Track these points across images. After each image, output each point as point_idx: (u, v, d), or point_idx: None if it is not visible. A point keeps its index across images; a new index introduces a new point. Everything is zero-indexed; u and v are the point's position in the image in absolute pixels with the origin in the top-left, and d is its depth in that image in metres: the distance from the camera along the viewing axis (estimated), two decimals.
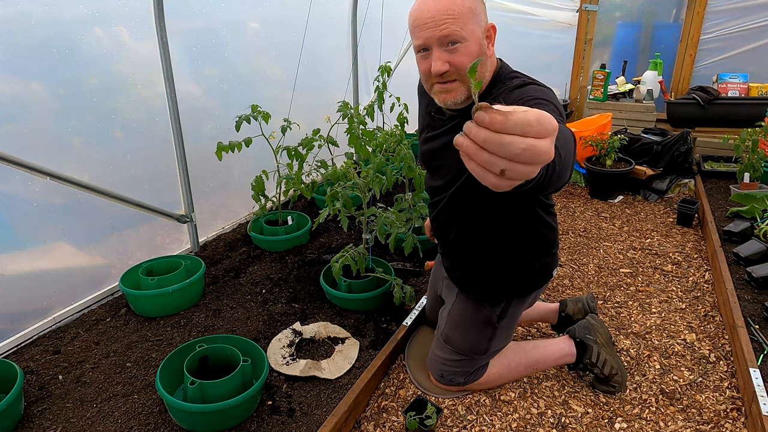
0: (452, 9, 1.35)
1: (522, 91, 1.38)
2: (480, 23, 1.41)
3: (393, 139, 2.97)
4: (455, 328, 1.91)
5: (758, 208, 3.15)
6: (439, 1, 1.36)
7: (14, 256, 2.14)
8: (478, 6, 1.41)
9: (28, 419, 1.77)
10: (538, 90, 1.36)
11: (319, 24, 3.51)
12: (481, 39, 1.41)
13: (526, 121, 0.65)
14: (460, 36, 1.37)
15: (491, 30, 1.45)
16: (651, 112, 4.67)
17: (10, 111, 2.04)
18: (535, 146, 0.67)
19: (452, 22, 1.35)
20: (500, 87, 1.49)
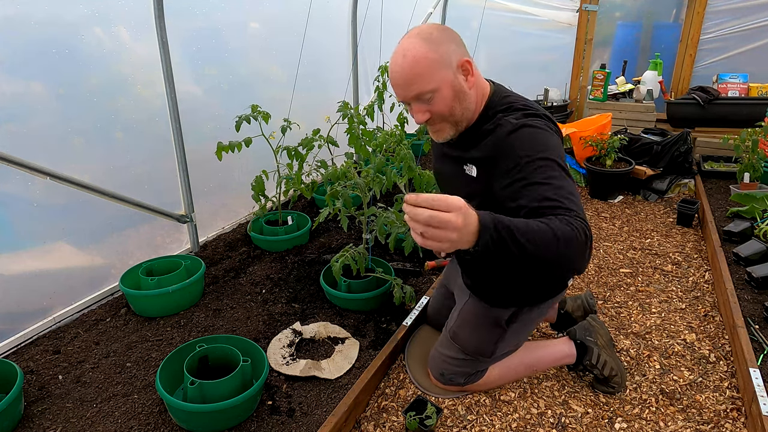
0: (416, 68, 1.43)
1: (517, 143, 1.42)
2: (450, 66, 1.47)
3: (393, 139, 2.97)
4: (464, 327, 1.93)
5: (758, 208, 3.15)
6: (404, 63, 1.44)
7: (14, 256, 2.14)
8: (443, 50, 1.45)
9: (28, 419, 1.77)
10: (534, 139, 1.41)
11: (319, 24, 3.51)
12: (454, 80, 1.48)
13: (431, 198, 1.05)
14: (430, 90, 1.46)
15: (467, 64, 1.49)
16: (651, 112, 4.67)
17: (11, 111, 2.04)
18: (438, 215, 1.05)
19: (419, 81, 1.44)
20: (492, 121, 1.53)
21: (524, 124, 1.45)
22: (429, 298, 2.44)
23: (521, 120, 1.47)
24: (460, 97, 1.50)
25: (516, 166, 1.40)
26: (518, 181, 1.39)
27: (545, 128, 1.47)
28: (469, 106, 1.54)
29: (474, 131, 1.59)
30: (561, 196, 1.31)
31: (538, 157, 1.38)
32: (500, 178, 1.45)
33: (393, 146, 2.94)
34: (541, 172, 1.36)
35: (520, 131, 1.44)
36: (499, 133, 1.48)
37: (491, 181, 1.51)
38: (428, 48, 1.43)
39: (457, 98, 1.50)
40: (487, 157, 1.53)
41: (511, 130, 1.45)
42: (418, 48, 1.43)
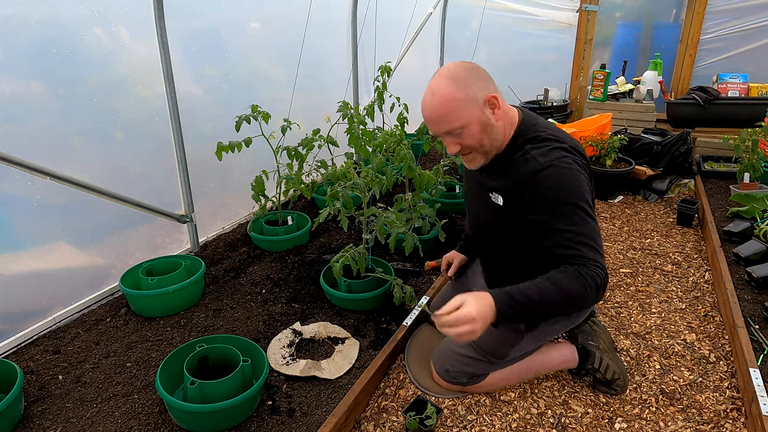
0: (443, 109, 1.56)
1: (544, 184, 1.55)
2: (477, 103, 1.56)
3: (393, 139, 2.97)
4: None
5: (758, 208, 3.15)
6: (433, 102, 1.57)
7: (14, 256, 2.14)
8: (470, 89, 1.55)
9: (28, 419, 1.77)
10: (560, 182, 1.54)
11: (319, 24, 3.51)
12: (481, 116, 1.58)
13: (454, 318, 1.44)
14: (458, 127, 1.57)
15: (493, 99, 1.58)
16: (651, 112, 4.67)
17: (11, 111, 2.04)
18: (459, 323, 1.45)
19: (447, 119, 1.56)
20: (521, 153, 1.63)
21: (551, 164, 1.55)
22: (429, 297, 2.44)
23: (548, 158, 1.56)
24: (488, 130, 1.60)
25: (542, 207, 1.56)
26: (543, 223, 1.56)
27: (571, 166, 1.55)
28: (497, 137, 1.64)
29: (503, 160, 1.68)
30: (580, 243, 1.50)
31: (562, 203, 1.52)
32: (527, 212, 1.61)
33: (393, 146, 2.94)
34: (565, 218, 1.52)
35: (548, 171, 1.54)
36: (527, 170, 1.58)
37: (517, 212, 1.64)
38: (455, 88, 1.54)
39: (485, 131, 1.60)
40: (514, 190, 1.63)
41: (539, 170, 1.55)
42: (446, 88, 1.54)
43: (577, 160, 1.58)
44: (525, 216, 1.63)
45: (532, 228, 1.62)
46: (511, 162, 1.65)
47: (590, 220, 1.55)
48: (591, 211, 1.57)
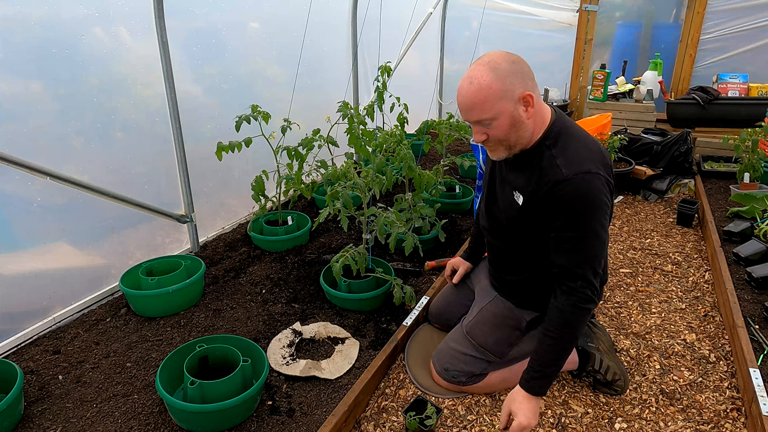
0: (478, 98, 1.55)
1: (561, 197, 1.57)
2: (512, 97, 1.56)
3: (393, 139, 2.97)
4: (483, 323, 1.96)
5: (758, 208, 3.15)
6: (469, 89, 1.56)
7: (14, 256, 2.14)
8: (508, 81, 1.55)
9: (28, 419, 1.77)
10: (577, 198, 1.56)
11: (319, 24, 3.51)
12: (513, 111, 1.58)
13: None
14: (489, 118, 1.58)
15: (528, 98, 1.58)
16: (651, 112, 4.66)
17: (11, 111, 2.04)
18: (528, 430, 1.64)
19: (479, 109, 1.57)
20: (546, 157, 1.64)
21: (573, 177, 1.56)
22: (429, 297, 2.44)
23: (572, 170, 1.57)
24: (517, 126, 1.61)
25: (556, 218, 1.61)
26: (553, 231, 1.63)
27: (592, 183, 1.57)
28: (525, 134, 1.64)
29: (528, 158, 1.69)
30: (580, 264, 1.59)
31: (576, 218, 1.57)
32: (543, 217, 1.66)
33: (393, 146, 2.94)
34: (572, 239, 1.59)
35: (569, 184, 1.56)
36: (549, 177, 1.60)
37: (535, 214, 1.68)
38: (493, 78, 1.53)
39: (514, 127, 1.61)
40: (534, 194, 1.65)
41: (561, 180, 1.57)
42: (484, 77, 1.54)
43: (600, 174, 1.58)
44: (543, 221, 1.66)
45: (546, 232, 1.67)
46: (536, 164, 1.66)
47: (599, 239, 1.60)
48: (603, 230, 1.61)
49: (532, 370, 1.66)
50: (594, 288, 1.61)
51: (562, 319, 1.62)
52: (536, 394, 1.65)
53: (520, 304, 1.94)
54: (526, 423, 1.63)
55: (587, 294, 1.60)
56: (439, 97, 5.92)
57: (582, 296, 1.60)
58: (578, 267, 1.60)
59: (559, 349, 1.64)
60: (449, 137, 3.79)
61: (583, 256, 1.59)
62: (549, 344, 1.64)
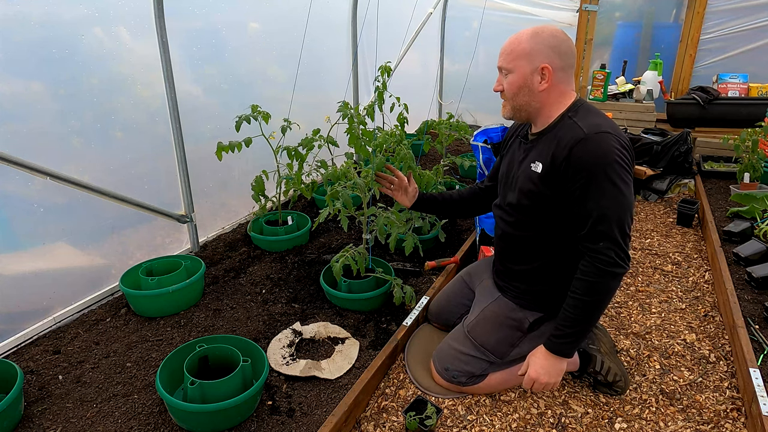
0: (508, 47, 1.73)
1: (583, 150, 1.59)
2: (532, 63, 1.68)
3: (393, 139, 2.97)
4: (485, 322, 1.96)
5: (758, 208, 3.15)
6: (509, 39, 1.74)
7: (14, 256, 2.14)
8: (537, 48, 1.67)
9: (28, 419, 1.77)
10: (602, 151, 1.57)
11: (319, 24, 3.51)
12: (527, 75, 1.69)
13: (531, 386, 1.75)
14: (507, 68, 1.73)
15: (545, 70, 1.67)
16: (651, 112, 4.66)
17: (11, 111, 2.04)
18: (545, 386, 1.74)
19: (504, 56, 1.74)
20: (566, 125, 1.68)
21: (595, 134, 1.59)
22: (429, 297, 2.44)
23: (593, 129, 1.60)
24: (526, 91, 1.71)
25: (577, 178, 1.60)
26: (576, 192, 1.62)
27: (612, 140, 1.59)
28: (534, 104, 1.73)
29: (549, 131, 1.74)
30: (604, 221, 1.56)
31: (595, 178, 1.57)
32: (563, 181, 1.65)
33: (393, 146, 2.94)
34: (594, 197, 1.58)
35: (590, 139, 1.59)
36: (570, 135, 1.63)
37: (554, 180, 1.68)
38: (527, 38, 1.67)
39: (523, 90, 1.71)
40: (555, 157, 1.66)
41: (581, 138, 1.60)
42: (523, 35, 1.69)
43: (620, 137, 1.61)
44: (560, 184, 1.66)
45: (565, 198, 1.67)
46: (557, 132, 1.70)
47: (622, 197, 1.57)
48: (627, 188, 1.59)
49: (555, 328, 1.68)
50: (620, 250, 1.57)
51: (587, 283, 1.60)
52: (554, 352, 1.67)
53: (524, 305, 1.93)
54: (534, 376, 1.69)
55: (611, 256, 1.56)
56: (439, 97, 5.92)
57: (606, 259, 1.56)
58: (600, 225, 1.57)
59: (584, 313, 1.62)
60: (449, 137, 3.79)
61: (605, 215, 1.56)
62: (573, 306, 1.63)
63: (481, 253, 2.74)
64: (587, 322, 1.64)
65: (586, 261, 1.62)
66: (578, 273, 1.64)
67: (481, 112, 5.80)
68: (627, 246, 1.60)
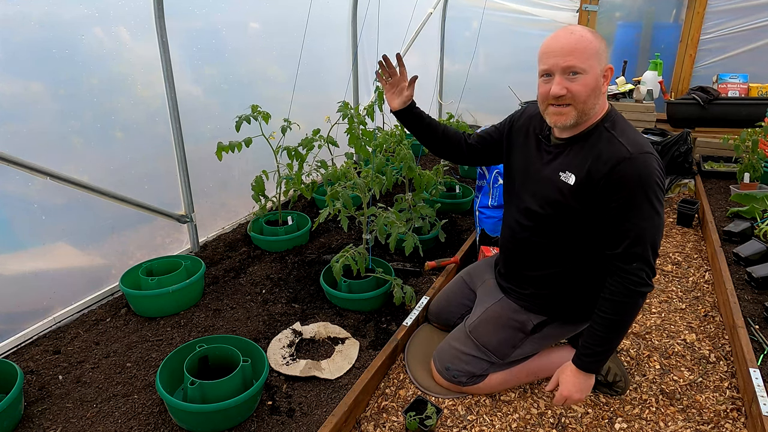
0: (580, 44, 1.56)
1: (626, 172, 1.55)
2: (601, 62, 1.60)
3: (393, 139, 2.98)
4: (487, 323, 1.96)
5: (758, 208, 3.15)
6: (572, 36, 1.58)
7: (14, 256, 2.14)
8: (602, 47, 1.60)
9: (28, 419, 1.77)
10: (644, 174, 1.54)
11: (319, 24, 3.51)
12: (599, 76, 1.60)
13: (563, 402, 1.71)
14: (581, 68, 1.57)
15: (609, 71, 1.63)
16: (651, 112, 4.66)
17: (11, 111, 2.04)
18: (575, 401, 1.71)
19: (577, 55, 1.56)
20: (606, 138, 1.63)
21: (639, 154, 1.56)
22: (429, 298, 2.44)
23: (635, 148, 1.57)
24: (596, 92, 1.61)
25: (615, 197, 1.57)
26: (611, 211, 1.59)
27: (653, 161, 1.57)
28: (595, 106, 1.64)
29: (584, 139, 1.67)
30: (638, 240, 1.56)
31: (639, 194, 1.55)
32: (599, 196, 1.62)
33: (393, 146, 2.94)
34: (635, 211, 1.56)
35: (633, 160, 1.55)
36: (612, 153, 1.59)
37: (588, 194, 1.64)
38: (595, 37, 1.59)
39: (594, 91, 1.61)
40: (592, 171, 1.61)
41: (625, 157, 1.56)
42: (587, 33, 1.58)
43: (658, 158, 1.60)
44: (595, 200, 1.63)
45: (597, 214, 1.64)
46: (594, 143, 1.65)
47: (657, 220, 1.58)
48: (661, 211, 1.59)
49: (584, 347, 1.66)
50: (651, 270, 1.58)
51: (615, 303, 1.60)
52: (585, 370, 1.66)
53: (529, 308, 1.92)
54: (567, 394, 1.67)
55: (642, 277, 1.56)
56: (439, 97, 5.92)
57: (637, 279, 1.56)
58: (636, 247, 1.56)
59: (612, 332, 1.62)
60: None
61: (641, 236, 1.56)
62: (602, 326, 1.62)
63: (481, 253, 2.74)
64: (616, 340, 1.65)
65: (615, 281, 1.60)
66: (606, 293, 1.62)
67: (481, 112, 5.80)
68: (654, 263, 1.61)
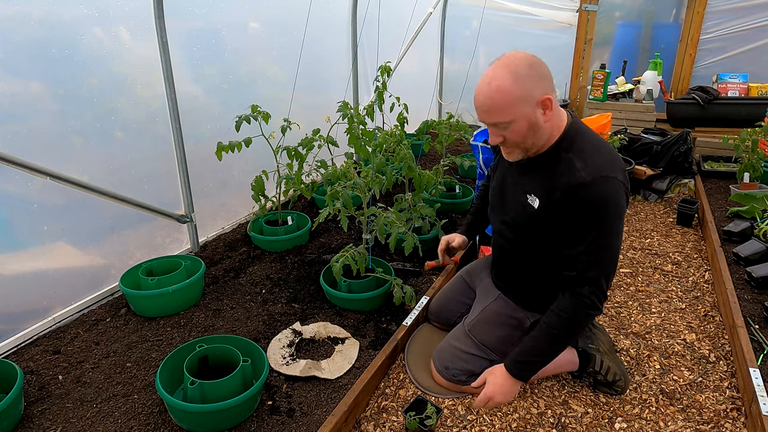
0: (496, 101, 1.53)
1: (582, 198, 1.56)
2: (530, 101, 1.54)
3: (393, 139, 2.97)
4: (485, 321, 1.97)
5: (758, 208, 3.15)
6: (488, 91, 1.54)
7: (14, 256, 2.14)
8: (528, 86, 1.52)
9: (28, 419, 1.77)
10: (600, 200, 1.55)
11: (319, 24, 3.51)
12: (531, 115, 1.55)
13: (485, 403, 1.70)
14: (507, 122, 1.56)
15: (547, 101, 1.56)
16: (651, 112, 4.66)
17: (10, 111, 2.04)
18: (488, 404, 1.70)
19: (498, 111, 1.54)
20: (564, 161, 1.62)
21: (594, 181, 1.55)
22: (429, 297, 2.44)
23: (592, 173, 1.55)
24: (535, 129, 1.58)
25: (571, 222, 1.59)
26: (566, 234, 1.62)
27: (611, 186, 1.55)
28: (542, 137, 1.63)
29: (544, 161, 1.67)
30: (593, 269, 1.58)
31: (589, 227, 1.56)
32: (557, 221, 1.64)
33: (393, 146, 2.94)
34: (586, 244, 1.58)
35: (590, 187, 1.54)
36: (569, 180, 1.58)
37: (551, 218, 1.66)
38: (513, 81, 1.51)
39: (532, 131, 1.59)
40: (552, 197, 1.63)
41: (581, 183, 1.55)
42: (504, 80, 1.51)
43: (617, 179, 1.57)
44: (558, 223, 1.64)
45: (560, 236, 1.66)
46: (553, 166, 1.64)
47: (613, 246, 1.60)
48: (618, 236, 1.60)
49: (519, 352, 1.68)
50: (602, 295, 1.61)
51: (562, 320, 1.63)
52: (514, 375, 1.67)
53: (524, 305, 1.94)
54: (490, 395, 1.67)
55: (593, 301, 1.60)
56: (439, 97, 5.92)
57: (588, 303, 1.60)
58: (589, 271, 1.59)
59: (551, 346, 1.66)
60: (449, 137, 3.79)
61: (595, 261, 1.58)
62: (543, 338, 1.65)
63: (481, 252, 2.74)
64: (553, 354, 1.68)
65: (566, 298, 1.63)
66: (555, 307, 1.65)
67: None
68: (607, 289, 1.63)
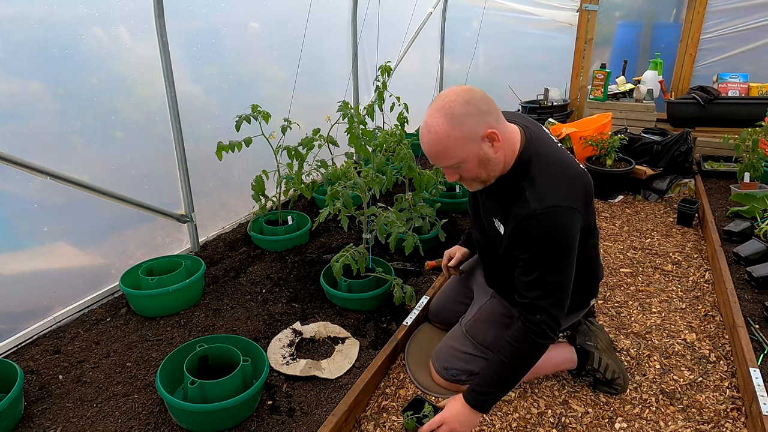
0: (439, 147, 1.51)
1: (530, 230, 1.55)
2: (474, 139, 1.50)
3: (393, 139, 2.97)
4: (482, 321, 1.98)
5: (758, 207, 3.15)
6: (429, 139, 1.53)
7: (14, 256, 2.14)
8: (467, 126, 1.48)
9: (29, 419, 1.77)
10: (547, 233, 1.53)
11: (319, 24, 3.51)
12: (479, 151, 1.53)
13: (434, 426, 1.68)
14: (455, 163, 1.55)
15: (493, 135, 1.51)
16: (651, 112, 4.66)
17: (10, 111, 2.04)
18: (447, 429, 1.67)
19: (443, 156, 1.54)
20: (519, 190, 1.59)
21: (542, 212, 1.52)
22: (429, 297, 2.44)
23: (541, 204, 1.53)
24: (486, 163, 1.56)
25: (523, 251, 1.59)
26: (520, 262, 1.62)
27: (560, 217, 1.54)
28: (496, 167, 1.60)
29: (502, 187, 1.66)
30: (545, 298, 1.58)
31: (542, 253, 1.56)
32: (514, 248, 1.64)
33: (393, 146, 2.94)
34: (537, 273, 1.58)
35: (537, 219, 1.53)
36: (519, 210, 1.57)
37: (510, 244, 1.66)
38: (450, 126, 1.47)
39: (483, 165, 1.57)
40: (508, 225, 1.63)
41: (529, 214, 1.54)
42: (441, 126, 1.48)
43: (570, 207, 1.55)
44: (514, 251, 1.65)
45: (516, 262, 1.66)
46: (508, 194, 1.63)
47: (565, 274, 1.59)
48: (570, 265, 1.59)
49: (477, 383, 1.67)
50: (554, 324, 1.60)
51: (514, 349, 1.63)
52: (472, 405, 1.66)
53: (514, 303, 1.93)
54: (446, 420, 1.66)
55: (544, 330, 1.59)
56: None
57: (539, 331, 1.60)
58: (541, 300, 1.58)
59: (505, 375, 1.65)
60: None
61: (549, 291, 1.58)
62: (496, 367, 1.65)
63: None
64: (509, 384, 1.67)
65: (519, 327, 1.63)
66: (509, 337, 1.65)
67: None
68: (561, 318, 1.62)
